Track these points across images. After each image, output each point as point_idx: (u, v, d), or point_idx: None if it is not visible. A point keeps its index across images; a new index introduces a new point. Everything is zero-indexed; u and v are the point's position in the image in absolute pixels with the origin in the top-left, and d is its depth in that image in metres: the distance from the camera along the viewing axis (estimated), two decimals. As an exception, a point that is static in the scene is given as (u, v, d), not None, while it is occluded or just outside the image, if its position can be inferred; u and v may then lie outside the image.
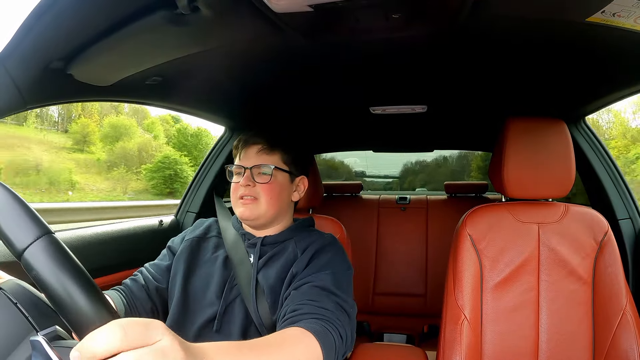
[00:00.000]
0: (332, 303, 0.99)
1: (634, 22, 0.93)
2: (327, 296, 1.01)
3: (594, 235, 1.36)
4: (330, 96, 1.82)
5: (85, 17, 0.89)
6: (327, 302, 0.98)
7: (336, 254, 1.18)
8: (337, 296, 1.02)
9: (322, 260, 1.14)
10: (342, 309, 1.00)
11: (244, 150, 1.26)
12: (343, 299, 1.02)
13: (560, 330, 1.31)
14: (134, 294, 1.21)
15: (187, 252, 1.26)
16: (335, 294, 1.02)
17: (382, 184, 6.47)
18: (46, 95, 1.15)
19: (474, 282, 1.35)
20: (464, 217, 1.44)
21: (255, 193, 1.20)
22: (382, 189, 6.15)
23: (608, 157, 1.87)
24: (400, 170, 6.68)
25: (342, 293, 1.04)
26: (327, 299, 1.00)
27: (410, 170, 7.03)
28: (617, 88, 1.51)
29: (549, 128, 1.42)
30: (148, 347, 0.48)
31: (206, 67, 1.35)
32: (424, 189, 5.77)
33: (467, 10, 0.96)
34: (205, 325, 1.14)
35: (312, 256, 1.15)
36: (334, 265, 1.13)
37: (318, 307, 0.95)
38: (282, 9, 0.91)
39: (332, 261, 1.14)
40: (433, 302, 2.82)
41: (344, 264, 1.17)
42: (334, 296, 1.01)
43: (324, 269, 1.09)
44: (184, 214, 2.20)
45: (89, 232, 1.60)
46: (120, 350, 0.46)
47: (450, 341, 1.30)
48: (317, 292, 1.01)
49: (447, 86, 1.66)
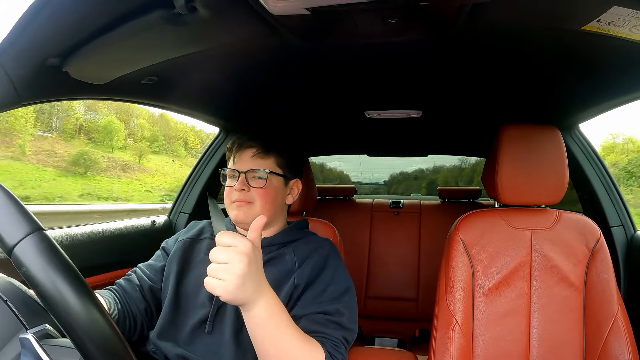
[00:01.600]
0: (340, 337, 1.04)
1: (629, 32, 0.94)
2: (337, 329, 1.05)
3: (586, 242, 1.37)
4: (325, 99, 1.82)
5: (82, 15, 0.88)
6: (338, 335, 1.04)
7: (337, 268, 1.19)
8: (346, 330, 1.07)
9: (327, 276, 1.15)
10: (347, 342, 1.07)
11: (238, 153, 1.25)
12: (351, 334, 1.09)
13: (551, 336, 1.32)
14: (127, 293, 1.21)
15: (180, 253, 1.25)
16: (346, 328, 1.07)
17: (367, 188, 6.52)
18: (41, 92, 1.15)
19: (466, 287, 1.35)
20: (457, 222, 1.44)
21: (250, 197, 1.20)
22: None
23: (601, 164, 1.89)
24: (386, 176, 6.76)
25: (352, 326, 1.09)
26: (337, 332, 1.05)
27: (395, 178, 7.17)
28: (612, 96, 1.52)
29: (543, 135, 1.43)
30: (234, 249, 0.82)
31: (202, 67, 1.34)
32: (418, 193, 5.79)
33: (464, 17, 0.96)
34: (198, 327, 1.14)
35: (314, 270, 1.15)
36: (338, 281, 1.15)
37: (329, 339, 1.02)
38: (280, 11, 0.91)
39: (336, 278, 1.16)
40: (425, 306, 2.83)
41: (348, 280, 1.19)
42: (343, 330, 1.06)
43: (334, 296, 1.11)
44: (177, 215, 2.20)
45: (80, 231, 1.59)
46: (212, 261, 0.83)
47: (441, 346, 1.30)
48: (330, 324, 1.05)
49: (443, 92, 1.67)
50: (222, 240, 0.84)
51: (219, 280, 0.81)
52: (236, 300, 0.84)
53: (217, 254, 0.83)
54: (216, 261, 0.82)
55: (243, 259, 0.81)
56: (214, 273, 0.81)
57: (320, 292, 1.09)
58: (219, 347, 1.10)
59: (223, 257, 0.82)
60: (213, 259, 0.83)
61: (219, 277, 0.81)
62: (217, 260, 0.82)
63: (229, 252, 0.82)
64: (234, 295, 0.81)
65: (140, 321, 1.21)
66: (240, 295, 0.82)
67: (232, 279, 0.80)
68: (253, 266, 0.83)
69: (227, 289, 0.80)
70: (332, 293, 1.10)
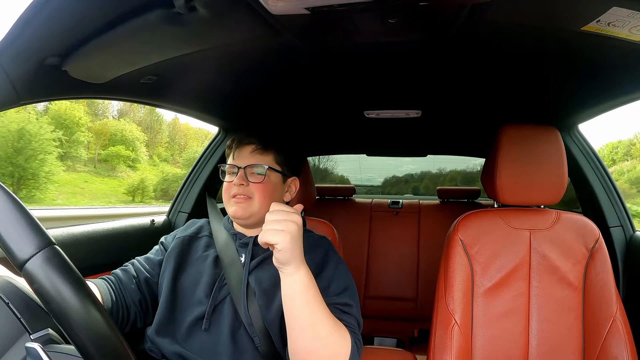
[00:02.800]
0: (355, 323, 1.07)
1: (629, 32, 0.94)
2: (350, 317, 1.07)
3: (585, 242, 1.37)
4: (324, 99, 1.82)
5: (81, 14, 0.88)
6: (353, 321, 1.07)
7: (337, 265, 1.19)
8: (356, 320, 1.09)
9: (329, 273, 1.15)
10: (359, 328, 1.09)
11: (237, 150, 1.25)
12: (361, 326, 1.10)
13: (550, 336, 1.32)
14: (123, 284, 1.21)
15: (177, 249, 1.25)
16: (357, 318, 1.09)
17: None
18: (40, 91, 1.15)
19: (465, 287, 1.36)
20: (456, 222, 1.44)
21: (248, 192, 1.20)
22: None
23: (600, 165, 1.88)
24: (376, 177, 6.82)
25: (360, 318, 1.11)
26: (351, 319, 1.07)
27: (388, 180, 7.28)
28: (611, 97, 1.52)
29: (542, 135, 1.43)
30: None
31: (201, 67, 1.34)
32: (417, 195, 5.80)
33: (463, 17, 0.96)
34: (195, 324, 1.14)
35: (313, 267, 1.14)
36: (340, 278, 1.16)
37: (347, 325, 1.03)
38: (279, 11, 0.91)
39: (338, 274, 1.16)
40: (424, 306, 2.83)
41: (349, 276, 1.19)
42: (355, 319, 1.08)
43: (338, 292, 1.11)
44: (176, 214, 2.19)
45: (79, 230, 1.58)
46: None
47: (440, 346, 1.30)
48: (343, 314, 1.06)
49: (442, 92, 1.67)
50: (275, 207, 0.93)
51: (278, 230, 0.89)
52: (292, 253, 0.91)
53: (274, 214, 0.92)
54: (274, 218, 0.91)
55: (298, 221, 0.92)
56: (273, 225, 0.90)
57: (325, 289, 1.08)
58: (216, 346, 1.10)
59: (280, 216, 0.91)
60: (270, 219, 0.91)
61: (279, 228, 0.89)
62: (275, 217, 0.91)
63: (286, 214, 0.92)
64: (291, 245, 0.90)
65: (133, 313, 1.21)
66: (296, 250, 0.92)
67: (293, 229, 0.90)
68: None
69: (286, 239, 0.89)
70: (335, 289, 1.11)
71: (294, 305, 0.94)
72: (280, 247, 0.88)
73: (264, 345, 1.09)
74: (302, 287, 0.93)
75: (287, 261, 0.91)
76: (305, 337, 0.94)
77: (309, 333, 0.94)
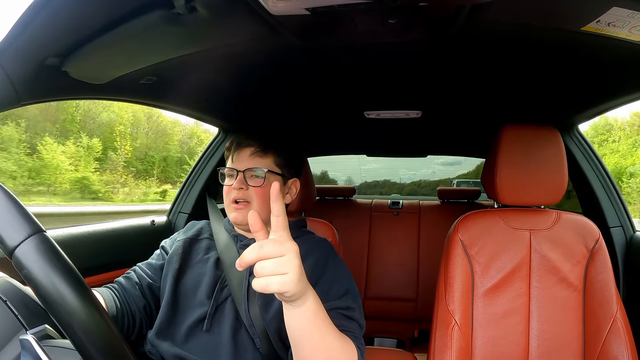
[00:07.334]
0: (357, 329, 1.05)
1: (629, 32, 0.94)
2: (352, 322, 1.05)
3: (585, 242, 1.37)
4: (324, 99, 1.82)
5: (82, 14, 0.88)
6: (354, 327, 1.05)
7: (338, 267, 1.19)
8: (358, 323, 1.08)
9: (330, 275, 1.15)
10: (361, 331, 1.08)
11: (236, 152, 1.25)
12: (363, 329, 1.09)
13: (550, 336, 1.32)
14: (126, 291, 1.21)
15: (179, 252, 1.25)
16: (359, 322, 1.08)
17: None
18: (40, 92, 1.14)
19: (465, 288, 1.36)
20: (456, 222, 1.44)
21: (247, 196, 1.20)
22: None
23: (600, 165, 1.89)
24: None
25: (363, 321, 1.10)
26: (353, 324, 1.05)
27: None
28: (611, 97, 1.52)
29: (542, 136, 1.43)
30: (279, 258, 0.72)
31: (201, 67, 1.34)
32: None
33: (463, 17, 0.96)
34: (196, 325, 1.14)
35: (315, 269, 1.15)
36: (342, 279, 1.15)
37: (349, 332, 1.00)
38: (279, 12, 0.91)
39: (339, 276, 1.16)
40: (424, 306, 2.83)
41: (350, 278, 1.18)
42: (357, 323, 1.07)
43: (340, 294, 1.10)
44: (176, 215, 2.19)
45: (79, 231, 1.58)
46: (259, 258, 0.71)
47: (440, 346, 1.30)
48: (345, 318, 1.04)
49: (442, 92, 1.67)
50: (264, 242, 0.74)
51: (279, 275, 0.71)
52: (299, 292, 0.76)
53: (270, 248, 0.72)
54: (270, 255, 0.71)
55: (294, 247, 0.75)
56: (272, 269, 0.71)
57: (327, 291, 1.08)
58: (217, 346, 1.10)
59: (278, 249, 0.72)
60: (265, 255, 0.71)
61: (280, 272, 0.71)
62: (272, 254, 0.71)
63: (279, 247, 0.73)
64: (298, 286, 0.74)
65: (139, 319, 1.21)
66: (302, 285, 0.76)
67: (294, 262, 0.73)
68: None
69: (293, 280, 0.72)
70: (337, 292, 1.10)
71: (302, 337, 0.85)
72: (290, 293, 0.74)
73: (265, 346, 1.09)
74: (311, 315, 0.82)
75: (299, 295, 0.78)
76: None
77: (321, 358, 0.87)
